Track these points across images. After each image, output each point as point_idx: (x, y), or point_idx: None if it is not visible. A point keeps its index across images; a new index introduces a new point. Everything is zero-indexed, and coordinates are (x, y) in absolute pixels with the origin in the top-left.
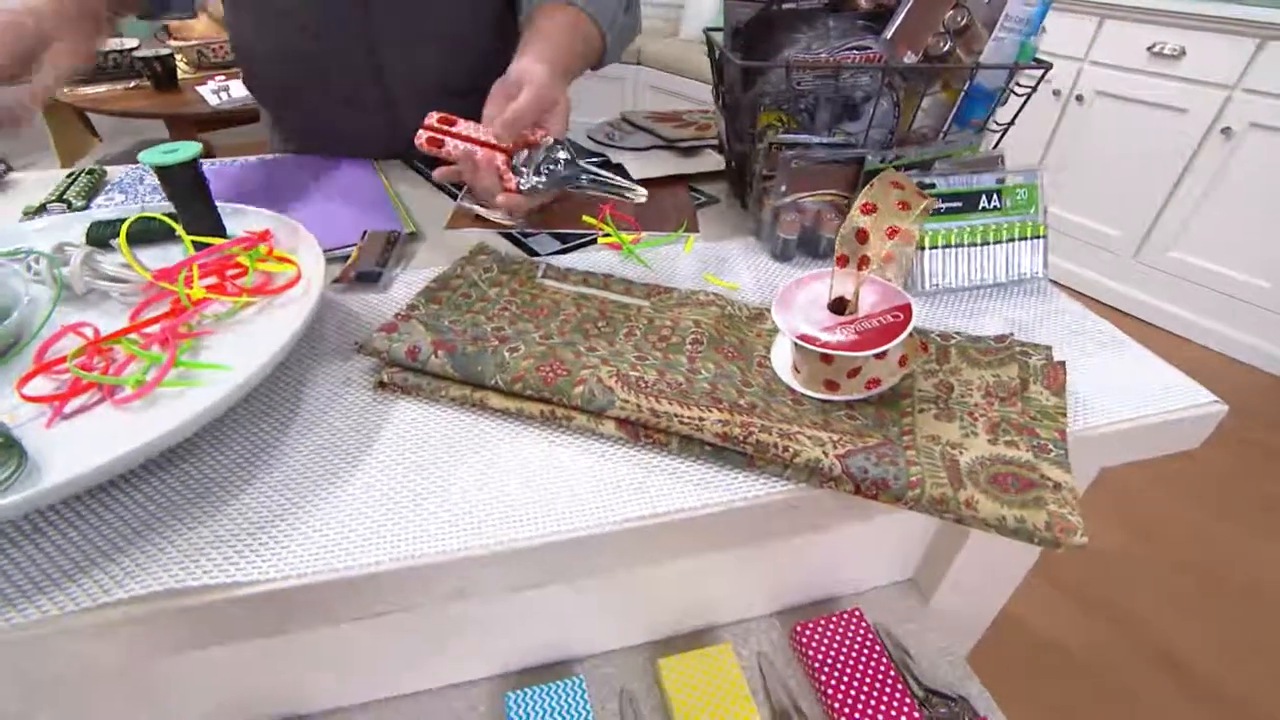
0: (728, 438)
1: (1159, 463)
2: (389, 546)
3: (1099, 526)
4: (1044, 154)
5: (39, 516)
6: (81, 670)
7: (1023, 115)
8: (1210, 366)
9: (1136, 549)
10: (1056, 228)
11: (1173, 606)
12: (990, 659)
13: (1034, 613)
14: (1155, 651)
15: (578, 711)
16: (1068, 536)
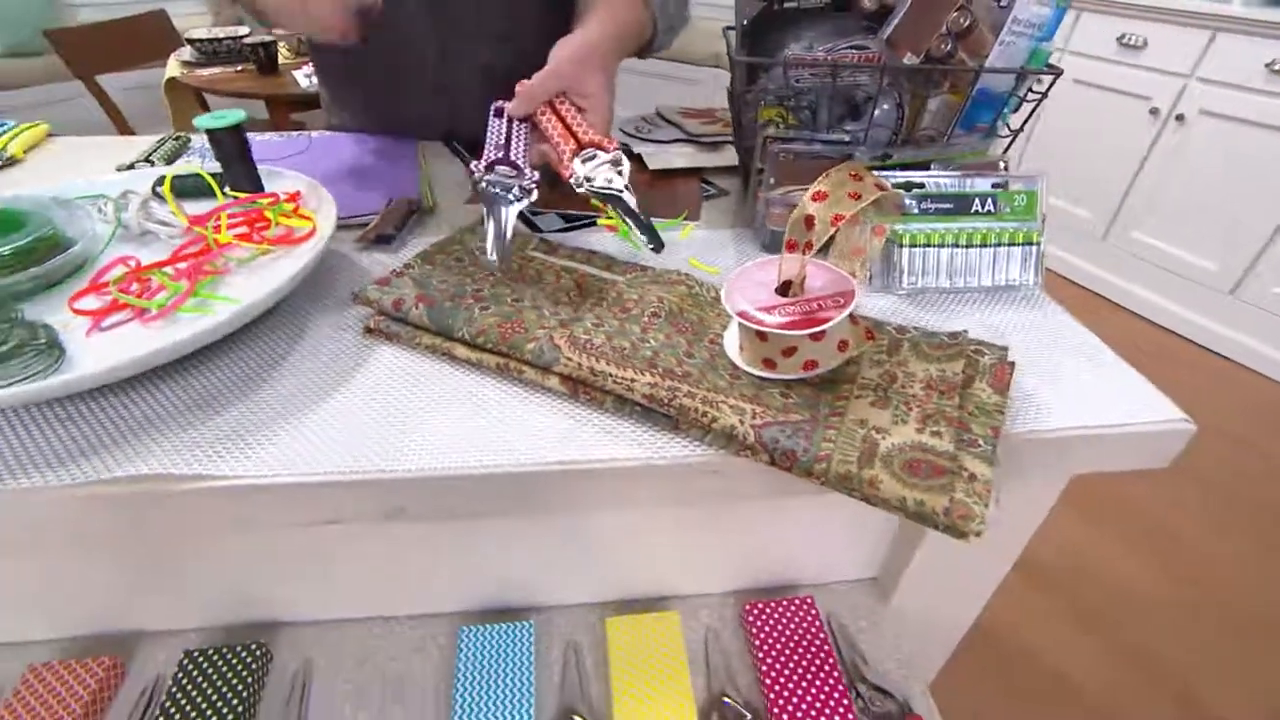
0: (654, 399)
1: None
2: (342, 461)
3: (1136, 566)
4: (1026, 141)
5: (69, 406)
6: (91, 534)
7: None
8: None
9: (1169, 589)
10: None
11: (1199, 649)
12: (1000, 688)
13: (1051, 646)
14: (1175, 693)
15: (522, 653)
16: (965, 523)
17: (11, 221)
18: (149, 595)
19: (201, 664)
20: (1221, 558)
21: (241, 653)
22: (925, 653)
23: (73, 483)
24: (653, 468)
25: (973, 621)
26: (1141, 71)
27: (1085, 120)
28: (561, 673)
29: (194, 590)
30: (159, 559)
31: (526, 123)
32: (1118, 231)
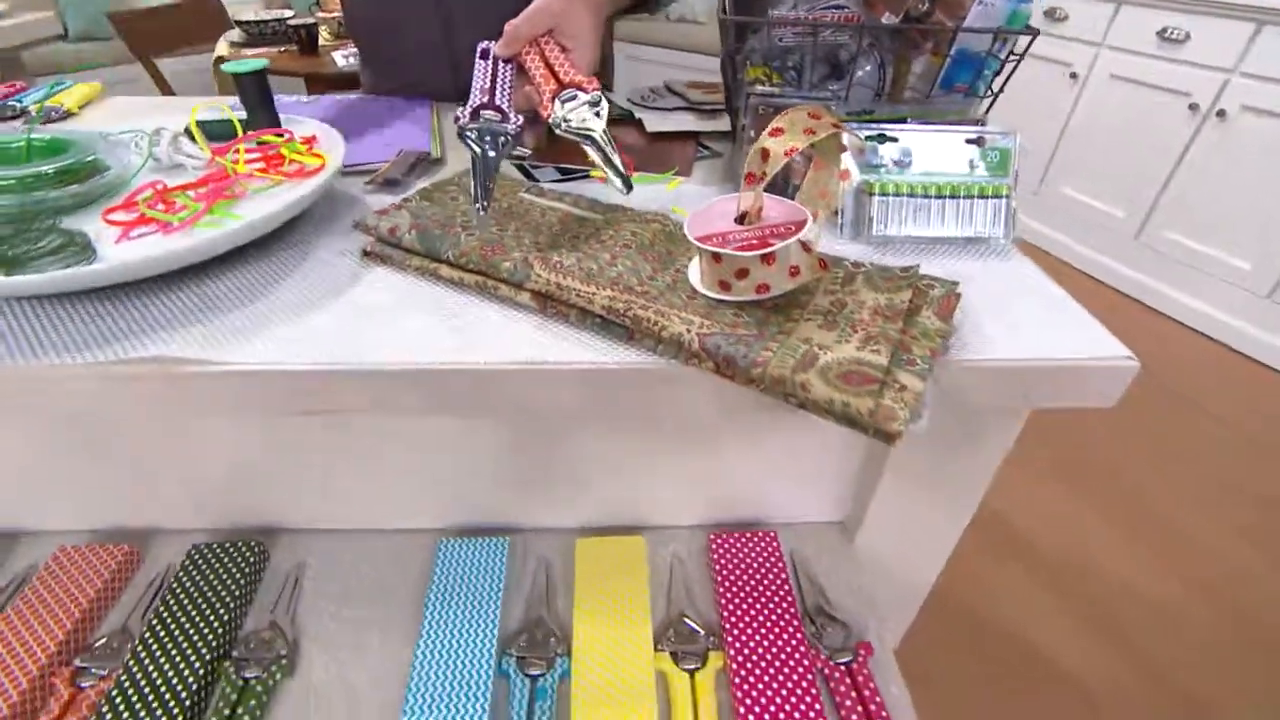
0: (611, 310)
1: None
2: (328, 354)
3: (1150, 574)
4: (1060, 136)
5: (97, 304)
6: (110, 411)
7: (1038, 95)
8: None
9: (1178, 594)
10: (1066, 209)
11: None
12: (1003, 687)
13: (1056, 642)
14: (1181, 698)
15: (495, 565)
16: (887, 423)
17: (59, 148)
18: (163, 496)
19: (206, 556)
20: (1239, 561)
21: (242, 548)
22: (890, 601)
23: (95, 362)
24: (606, 371)
25: (937, 573)
26: (1182, 66)
27: (1120, 117)
28: (531, 587)
29: (203, 493)
30: (173, 460)
31: (512, 64)
32: (1151, 231)
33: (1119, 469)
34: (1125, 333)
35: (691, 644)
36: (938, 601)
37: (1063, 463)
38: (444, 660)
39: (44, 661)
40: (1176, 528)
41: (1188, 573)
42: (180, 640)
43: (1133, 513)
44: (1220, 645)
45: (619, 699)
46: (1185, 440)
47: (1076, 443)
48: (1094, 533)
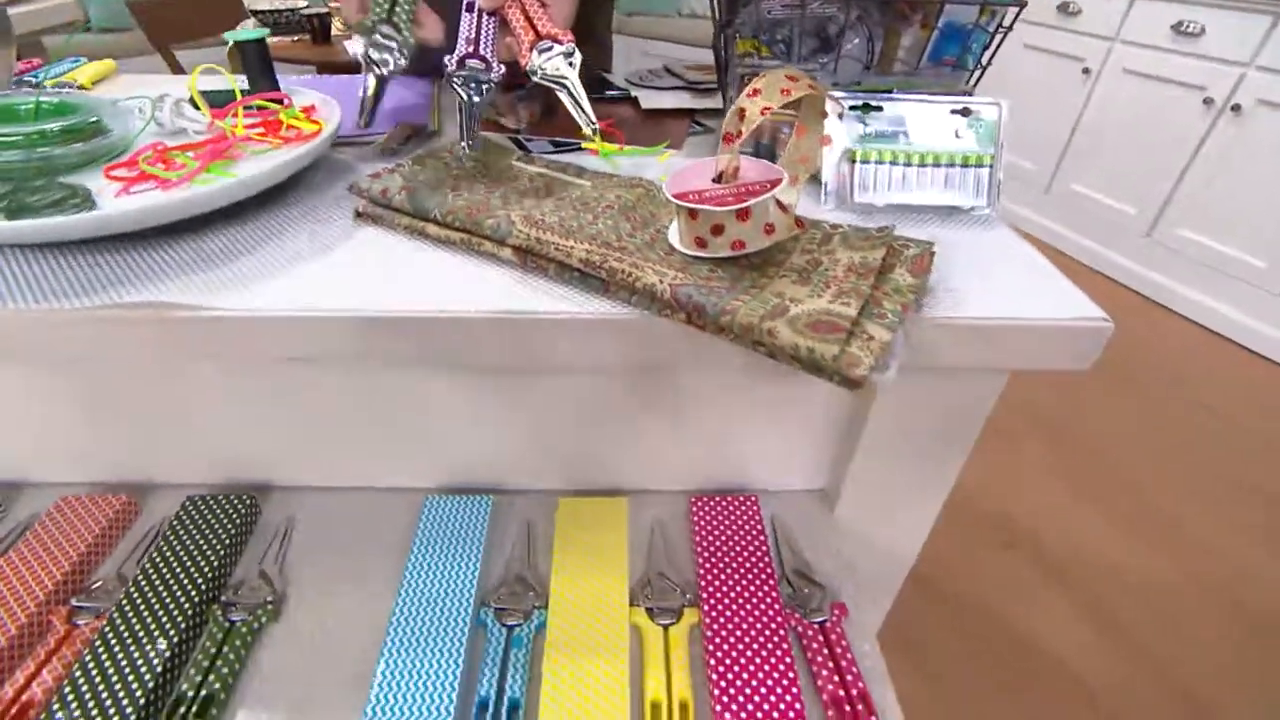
0: (588, 263)
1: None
2: (315, 302)
3: (1154, 564)
4: (1071, 133)
5: (97, 254)
6: (107, 355)
7: (1049, 91)
8: None
9: (1180, 583)
10: (1077, 206)
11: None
12: (1000, 677)
13: (1054, 635)
14: (1182, 694)
15: (477, 522)
16: (850, 369)
17: (66, 109)
18: (162, 452)
19: (200, 507)
20: (1247, 561)
21: (235, 501)
22: (871, 571)
23: (92, 306)
24: (581, 321)
25: (919, 545)
26: (1196, 60)
27: (1133, 112)
28: (513, 545)
29: (199, 450)
30: (170, 417)
31: (495, 17)
32: (1163, 228)
33: (1128, 468)
34: (1136, 331)
35: (667, 601)
36: (935, 591)
37: (1069, 461)
38: (423, 609)
39: (41, 599)
40: (1186, 528)
41: (1197, 572)
42: (171, 584)
43: (1141, 512)
44: (1222, 641)
45: (591, 648)
46: (1197, 441)
47: (1084, 442)
48: (1100, 531)
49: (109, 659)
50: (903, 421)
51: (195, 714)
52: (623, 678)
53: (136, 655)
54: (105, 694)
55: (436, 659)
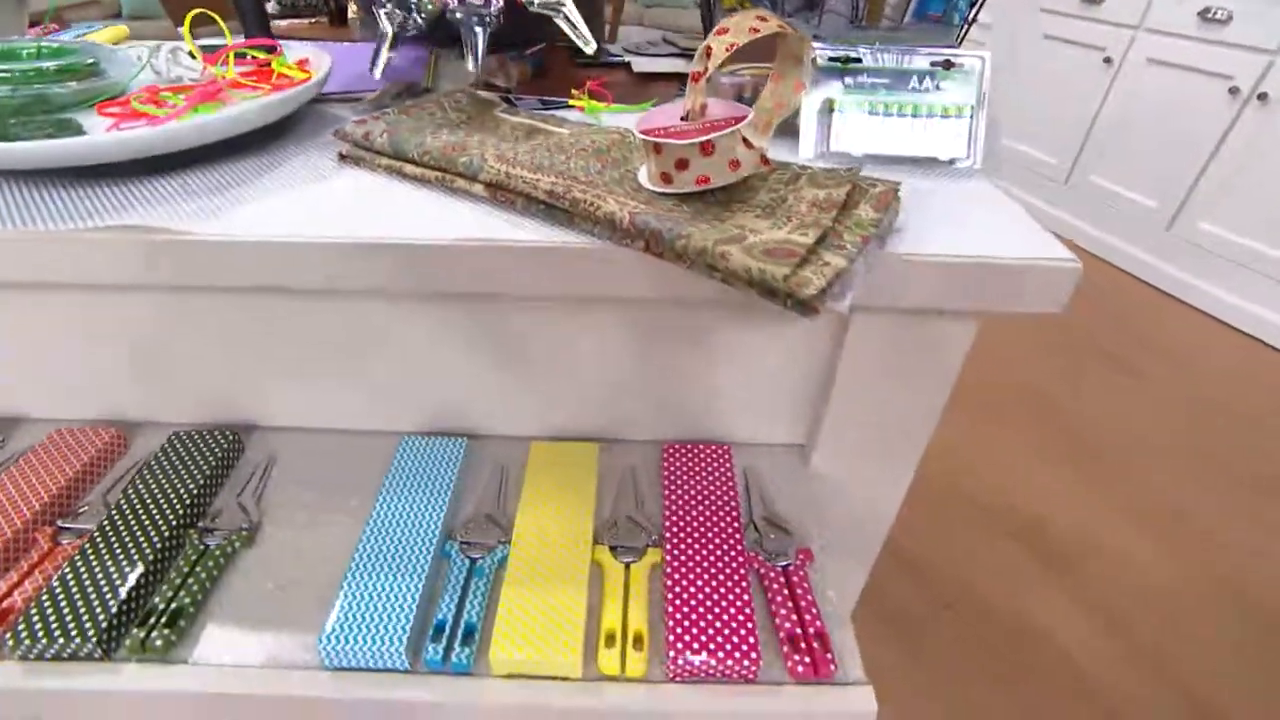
0: (553, 194)
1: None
2: (291, 230)
3: (1156, 558)
4: (1091, 124)
5: (88, 186)
6: (93, 275)
7: (1069, 82)
8: None
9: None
10: (1096, 199)
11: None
12: (997, 670)
13: (1054, 624)
14: (1186, 695)
15: (451, 462)
16: (799, 289)
17: (65, 51)
18: (152, 391)
19: (185, 441)
20: (1264, 558)
21: (218, 436)
22: (848, 528)
23: (79, 229)
24: (543, 249)
25: (897, 503)
26: (1223, 48)
27: (1156, 103)
28: (485, 486)
29: (187, 389)
30: (160, 356)
31: None
32: (1184, 222)
33: (1137, 461)
34: (1152, 325)
35: (632, 540)
36: (933, 577)
37: (1076, 454)
38: (390, 538)
39: (28, 517)
40: (1195, 522)
41: (1202, 565)
42: (151, 509)
43: (1149, 505)
44: (1222, 633)
45: (550, 579)
46: (1211, 435)
47: (1093, 435)
48: (1106, 522)
49: (86, 572)
50: (874, 370)
51: (164, 624)
52: (579, 608)
53: (113, 570)
54: (80, 603)
55: (398, 583)
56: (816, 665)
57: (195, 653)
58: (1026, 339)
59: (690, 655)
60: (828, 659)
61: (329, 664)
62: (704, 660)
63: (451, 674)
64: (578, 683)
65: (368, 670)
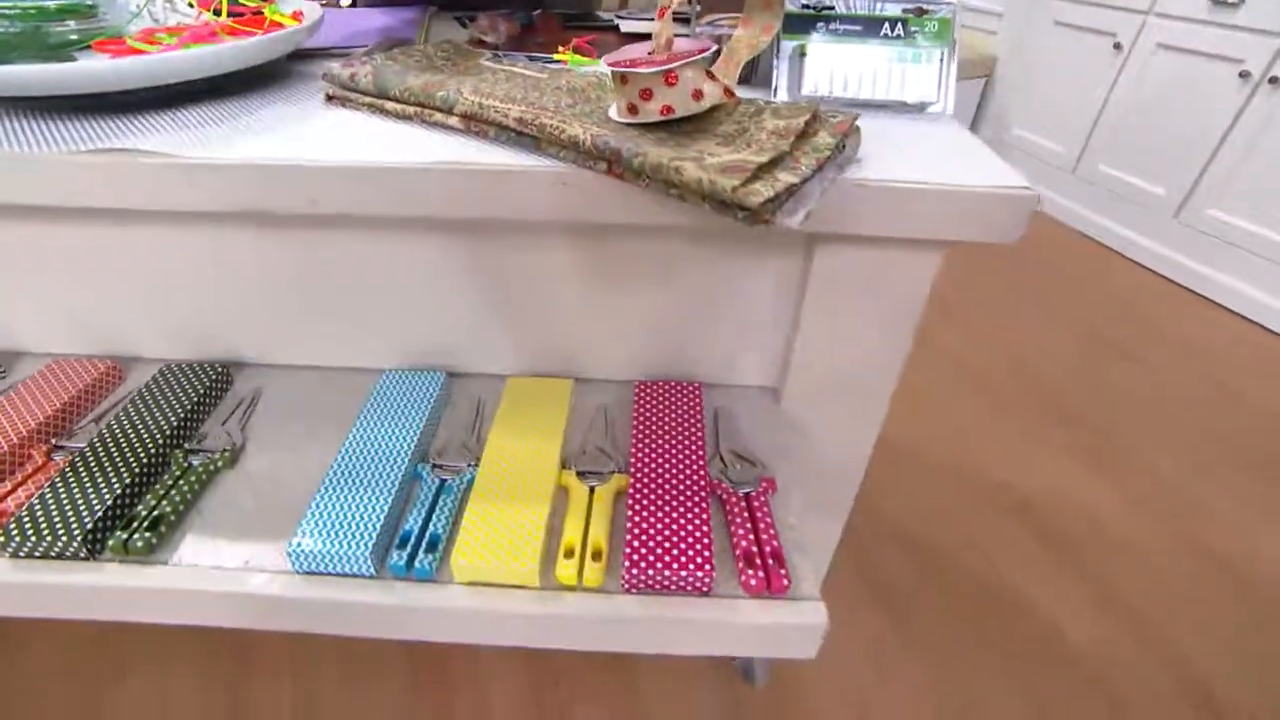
0: (522, 121)
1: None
2: (274, 154)
3: (1155, 540)
4: (1100, 111)
5: (83, 120)
6: (84, 198)
7: (1078, 68)
8: None
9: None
10: (1103, 187)
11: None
12: (994, 644)
13: (1056, 605)
14: (1183, 681)
15: (427, 393)
16: (746, 197)
17: None
18: (145, 327)
19: (175, 372)
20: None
21: (207, 368)
22: (820, 469)
23: (73, 151)
24: (512, 171)
25: (870, 443)
26: (1235, 32)
27: (1165, 88)
28: (461, 417)
29: (178, 325)
30: (153, 292)
31: None
32: (1192, 209)
33: (1148, 451)
34: (1161, 316)
35: (598, 466)
36: (926, 551)
37: (1079, 439)
38: (363, 458)
39: (24, 434)
40: (1200, 506)
41: (1206, 548)
42: (140, 429)
43: (1153, 489)
44: (1224, 615)
45: (515, 497)
46: (1216, 423)
47: (1096, 422)
48: (1108, 505)
49: (75, 482)
50: (839, 305)
51: (145, 528)
52: (540, 522)
53: (100, 481)
54: (68, 507)
55: (368, 497)
56: (770, 580)
57: (174, 556)
58: (1031, 327)
59: (645, 567)
60: (781, 575)
61: (298, 568)
62: (658, 572)
63: (415, 580)
64: (535, 591)
65: (335, 575)
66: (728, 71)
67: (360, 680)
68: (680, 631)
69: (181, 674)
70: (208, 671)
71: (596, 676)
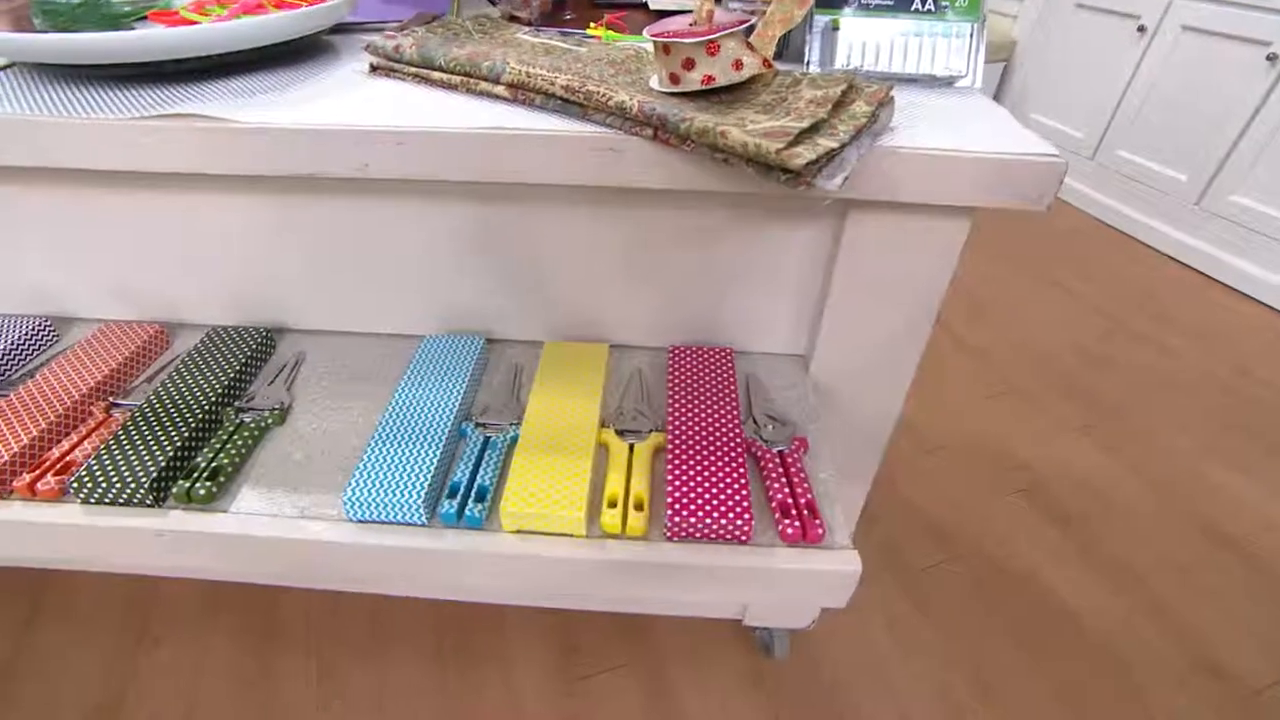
0: (569, 89)
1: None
2: (326, 119)
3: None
4: (1121, 96)
5: (135, 87)
6: (143, 161)
7: (1100, 52)
8: None
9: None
10: (1123, 173)
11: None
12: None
13: (1059, 579)
14: (1196, 655)
15: (468, 356)
16: (790, 159)
17: None
18: (189, 292)
19: (222, 336)
20: None
21: (252, 332)
22: (846, 433)
23: (134, 116)
24: (559, 137)
25: (897, 408)
26: (1263, 14)
27: (1189, 72)
28: (500, 381)
29: (223, 292)
30: (197, 258)
31: None
32: (1215, 196)
33: (1166, 436)
34: (1182, 304)
35: (636, 425)
36: (944, 532)
37: (1093, 422)
38: (410, 416)
39: (84, 391)
40: (1222, 492)
41: (1226, 531)
42: (194, 387)
43: (1168, 472)
44: (1234, 591)
45: (558, 450)
46: (1245, 415)
47: (1121, 410)
48: (1120, 485)
49: (138, 435)
50: (870, 271)
51: (206, 478)
52: (584, 474)
53: (160, 434)
54: (133, 458)
55: (417, 451)
56: (806, 529)
57: (233, 505)
58: (1051, 316)
59: (687, 515)
60: (817, 524)
61: (353, 516)
62: (700, 520)
63: (465, 528)
64: (581, 539)
65: (388, 524)
66: (764, 44)
67: (386, 650)
68: (720, 578)
69: (212, 642)
70: (238, 640)
71: (618, 648)
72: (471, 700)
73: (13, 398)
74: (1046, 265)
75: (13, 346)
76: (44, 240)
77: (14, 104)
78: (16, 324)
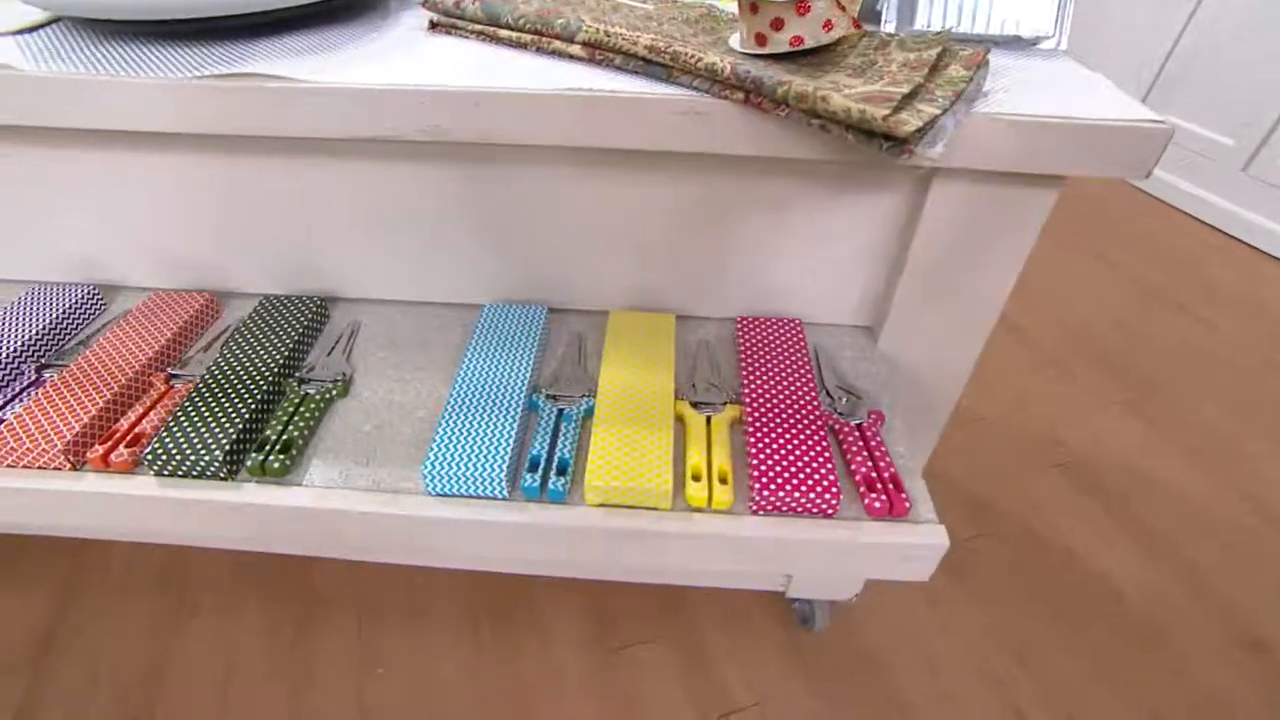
0: (653, 49)
1: None
2: (393, 80)
3: (1217, 498)
4: (1166, 57)
5: (196, 46)
6: (198, 121)
7: (1145, 11)
8: None
9: None
10: None
11: None
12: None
13: (1105, 556)
14: (1237, 635)
15: (533, 326)
16: (897, 126)
17: None
18: (239, 258)
19: (276, 305)
20: None
21: (306, 301)
22: (914, 405)
23: (190, 76)
24: (645, 100)
25: (964, 380)
26: None
27: (1239, 29)
28: (565, 350)
29: (274, 260)
30: (246, 224)
31: None
32: (1265, 160)
33: (1205, 408)
34: (1224, 273)
35: (709, 398)
36: (980, 507)
37: (1142, 401)
38: (480, 388)
39: (143, 362)
40: (1259, 464)
41: (1256, 499)
42: (254, 357)
43: (1206, 444)
44: (1273, 565)
45: (637, 423)
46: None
47: (1159, 381)
48: (1159, 459)
49: (205, 407)
50: (949, 241)
51: (278, 450)
52: (666, 447)
53: (227, 406)
54: (204, 430)
55: (493, 422)
56: (892, 504)
57: (306, 477)
58: (1090, 286)
59: (774, 490)
60: (903, 498)
61: (432, 489)
62: (788, 494)
63: (548, 501)
64: (667, 512)
65: (467, 496)
66: (852, 3)
67: (424, 622)
68: (806, 551)
69: (248, 613)
70: (274, 611)
71: (654, 618)
72: (513, 668)
73: (74, 368)
74: (1086, 236)
75: (63, 315)
76: (88, 206)
77: (61, 62)
78: (65, 292)
